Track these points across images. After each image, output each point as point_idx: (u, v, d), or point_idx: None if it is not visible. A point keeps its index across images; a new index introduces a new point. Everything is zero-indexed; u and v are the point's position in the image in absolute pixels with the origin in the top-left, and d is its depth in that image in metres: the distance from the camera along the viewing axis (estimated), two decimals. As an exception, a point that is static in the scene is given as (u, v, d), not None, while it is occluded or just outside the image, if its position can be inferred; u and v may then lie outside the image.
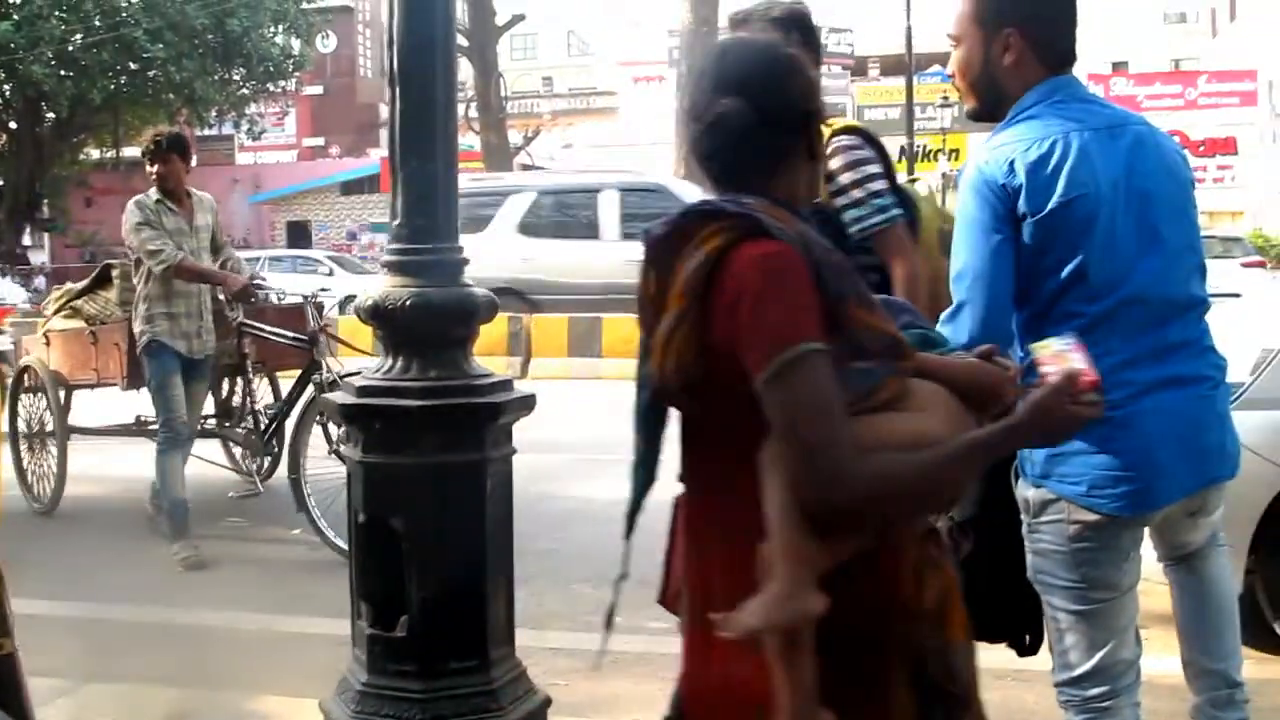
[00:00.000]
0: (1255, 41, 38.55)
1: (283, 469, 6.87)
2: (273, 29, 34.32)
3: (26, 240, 37.53)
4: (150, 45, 31.04)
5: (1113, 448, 2.59)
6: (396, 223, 3.13)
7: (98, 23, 31.27)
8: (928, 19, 33.08)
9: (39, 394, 7.83)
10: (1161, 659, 3.62)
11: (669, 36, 23.58)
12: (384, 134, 34.07)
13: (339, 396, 3.16)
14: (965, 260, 2.68)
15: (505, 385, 3.18)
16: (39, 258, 38.09)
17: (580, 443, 9.33)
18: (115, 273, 7.53)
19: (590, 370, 14.40)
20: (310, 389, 6.75)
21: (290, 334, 6.98)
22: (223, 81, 34.01)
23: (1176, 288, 2.69)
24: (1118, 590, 2.70)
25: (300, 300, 7.14)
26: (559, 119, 47.71)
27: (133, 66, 32.63)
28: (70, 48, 31.45)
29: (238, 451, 7.74)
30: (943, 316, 2.72)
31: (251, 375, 7.25)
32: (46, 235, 39.09)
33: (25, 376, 7.98)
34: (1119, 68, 48.06)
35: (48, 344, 7.84)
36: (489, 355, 7.61)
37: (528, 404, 3.20)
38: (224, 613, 5.63)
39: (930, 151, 33.76)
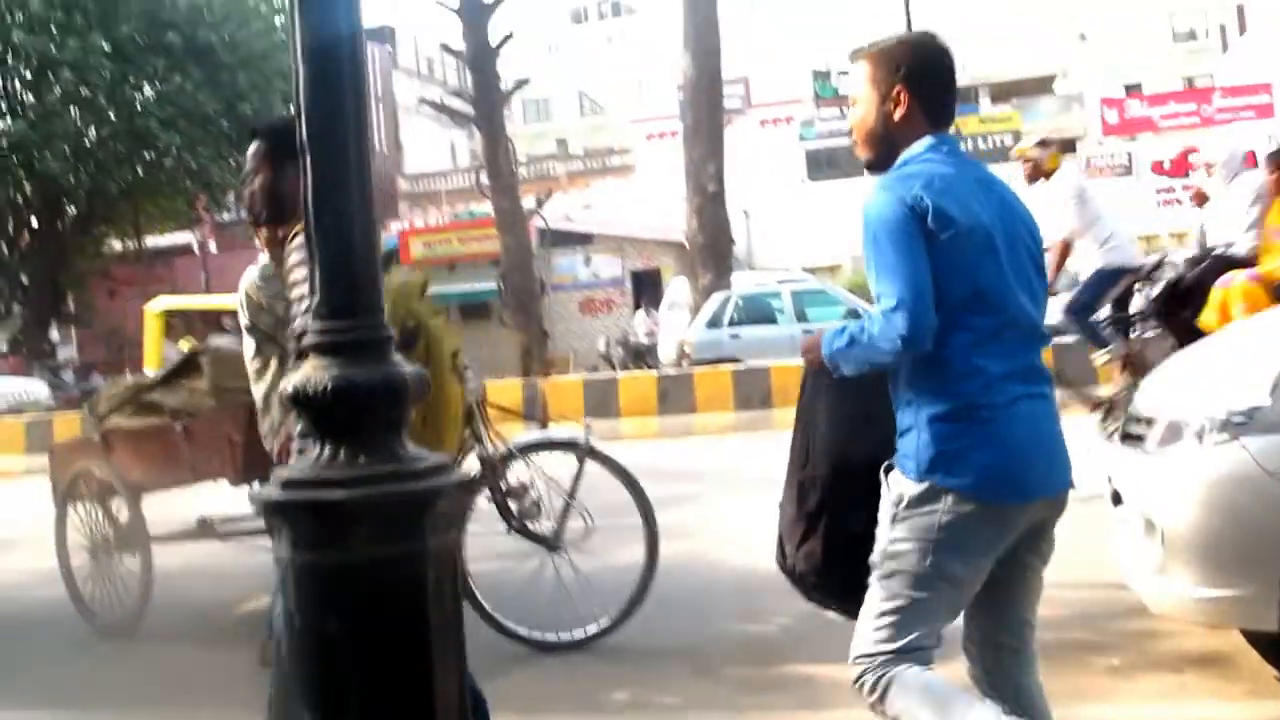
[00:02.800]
0: (1268, 54, 38.24)
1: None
2: (284, 110, 34.50)
3: (54, 335, 37.68)
4: (164, 134, 31.27)
5: (995, 445, 3.02)
6: (315, 299, 2.92)
7: (111, 115, 31.53)
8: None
9: (97, 502, 7.10)
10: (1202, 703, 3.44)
11: (678, 91, 23.42)
12: (403, 207, 34.30)
13: (266, 493, 2.93)
14: (894, 263, 3.02)
15: (443, 469, 2.95)
16: (65, 352, 38.21)
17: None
18: (205, 359, 6.85)
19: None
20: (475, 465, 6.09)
21: None
22: (238, 166, 34.14)
23: (1039, 318, 3.19)
24: (956, 585, 3.09)
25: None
26: (576, 179, 47.76)
27: (148, 157, 32.85)
28: (85, 142, 31.71)
29: None
30: (877, 312, 3.05)
31: None
32: (73, 329, 39.25)
33: (78, 484, 7.15)
34: (1132, 89, 47.83)
35: (108, 447, 7.10)
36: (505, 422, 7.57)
37: (470, 487, 2.97)
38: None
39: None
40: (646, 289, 33.80)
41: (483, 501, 6.01)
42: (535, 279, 25.85)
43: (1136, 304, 9.31)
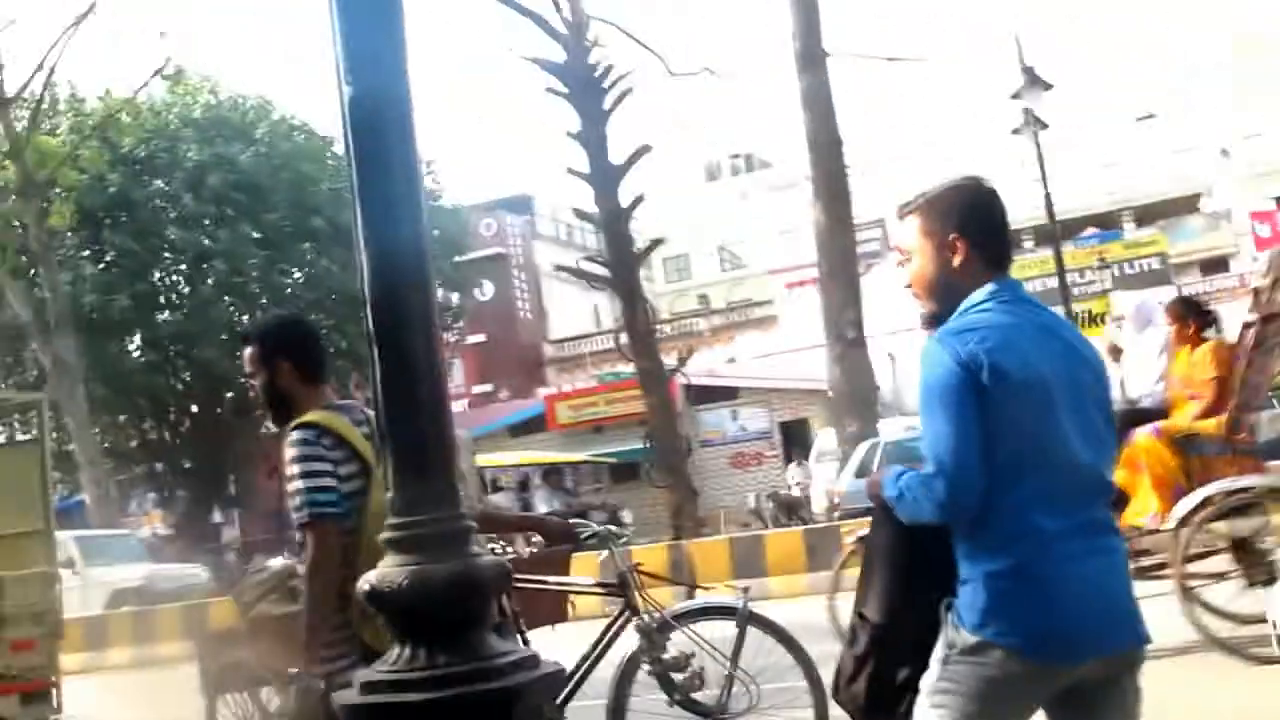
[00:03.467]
0: None
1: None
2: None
3: (216, 518, 38.61)
4: (314, 316, 32.23)
5: (1046, 607, 2.91)
6: (389, 495, 2.84)
7: (263, 301, 32.66)
8: (1066, 183, 32.70)
9: (247, 692, 7.01)
10: None
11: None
12: (549, 372, 34.75)
13: (345, 696, 2.82)
14: (941, 426, 2.95)
15: (527, 663, 2.81)
16: (229, 534, 39.09)
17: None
18: None
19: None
20: (635, 638, 6.05)
21: (590, 582, 6.45)
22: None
23: (1104, 471, 3.08)
24: None
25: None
26: (719, 334, 47.87)
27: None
28: (239, 328, 32.87)
29: None
30: (918, 477, 3.01)
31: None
32: (235, 512, 40.18)
33: (227, 674, 7.05)
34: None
35: (255, 634, 7.14)
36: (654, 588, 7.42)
37: (557, 681, 2.82)
38: None
39: (1095, 315, 32.72)
40: (796, 440, 33.51)
41: (643, 674, 5.91)
42: (681, 437, 25.76)
43: None
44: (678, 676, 5.87)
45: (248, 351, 4.46)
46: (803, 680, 5.93)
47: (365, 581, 2.80)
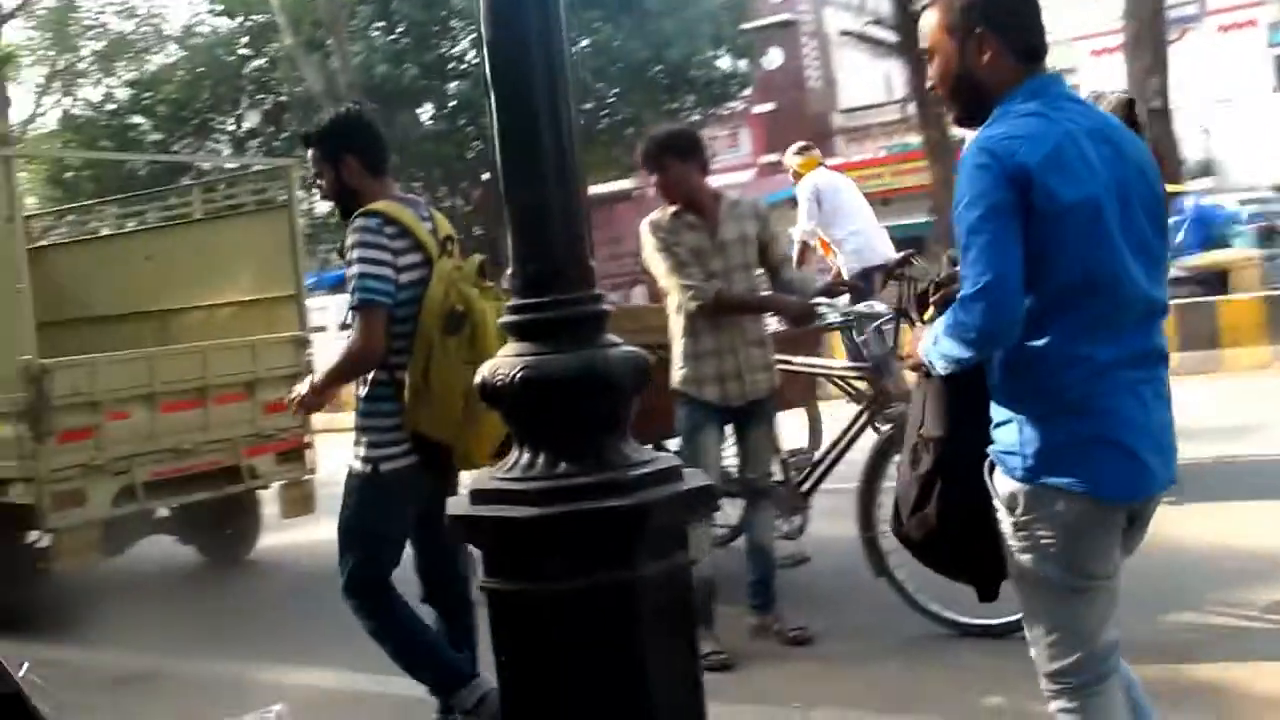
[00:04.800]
0: None
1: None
2: (714, 52, 34.56)
3: (504, 283, 39.45)
4: (599, 85, 31.99)
5: (1107, 441, 2.69)
6: (509, 273, 2.41)
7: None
8: None
9: None
10: None
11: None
12: (838, 142, 33.87)
13: (457, 506, 2.45)
14: (980, 242, 2.64)
15: (667, 475, 2.37)
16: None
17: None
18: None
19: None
20: (884, 425, 5.72)
21: (841, 364, 6.12)
22: (670, 112, 34.58)
23: (1158, 292, 2.79)
24: (1105, 577, 2.79)
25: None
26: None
27: (585, 107, 33.69)
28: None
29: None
30: (958, 299, 2.71)
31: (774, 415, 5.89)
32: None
33: None
34: None
35: None
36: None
37: (702, 499, 2.39)
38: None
39: None
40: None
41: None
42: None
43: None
44: None
45: (310, 153, 4.49)
46: None
47: (480, 372, 2.41)
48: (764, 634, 5.61)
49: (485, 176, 36.60)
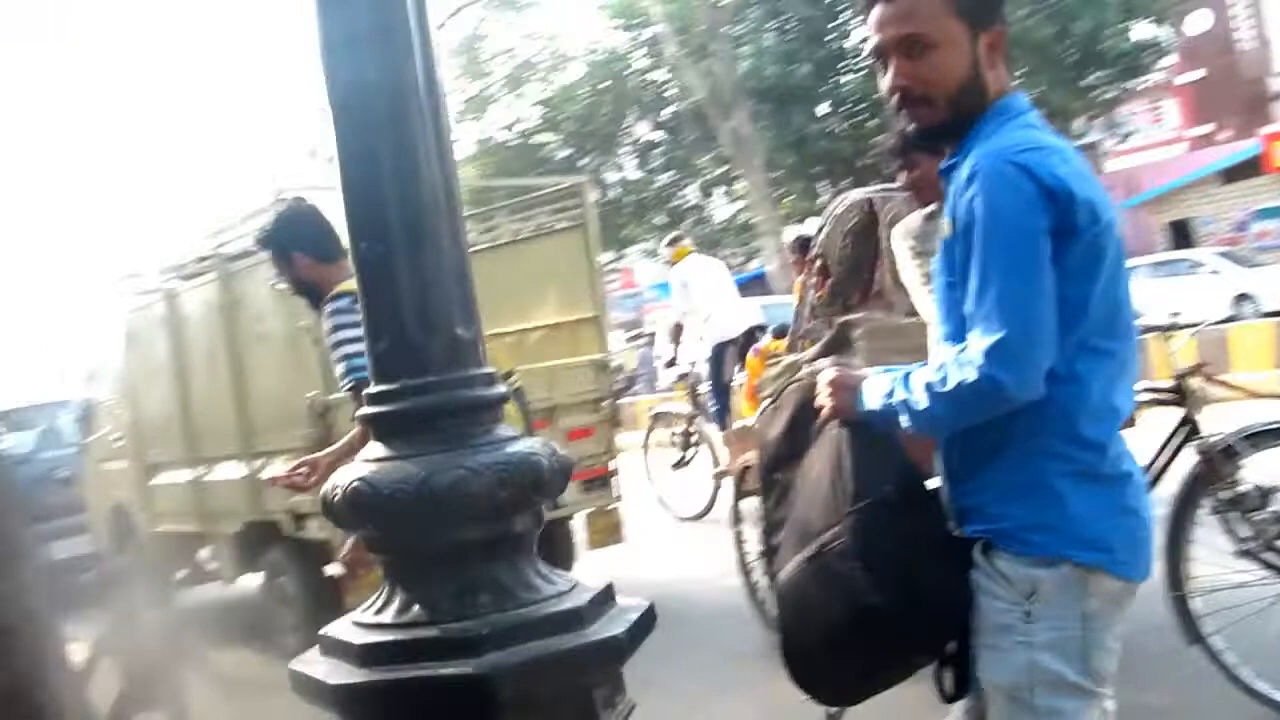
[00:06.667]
0: None
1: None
2: (1127, 23, 32.39)
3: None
4: (1016, 69, 30.63)
5: (1135, 508, 2.32)
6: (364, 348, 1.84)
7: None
8: None
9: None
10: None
11: None
12: (1276, 108, 31.27)
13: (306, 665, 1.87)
14: (1004, 278, 2.15)
15: (553, 622, 1.73)
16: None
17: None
18: (859, 332, 5.69)
19: None
20: (1194, 461, 4.71)
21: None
22: (1081, 90, 32.69)
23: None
24: (1105, 683, 2.35)
25: None
26: None
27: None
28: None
29: None
30: (974, 349, 2.17)
31: None
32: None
33: (745, 478, 6.39)
34: None
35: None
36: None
37: (605, 655, 1.72)
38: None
39: None
40: None
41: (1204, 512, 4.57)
42: None
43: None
44: (1252, 519, 4.44)
45: (266, 258, 4.67)
46: None
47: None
48: None
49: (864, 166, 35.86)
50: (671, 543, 9.59)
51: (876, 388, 2.38)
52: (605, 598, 1.79)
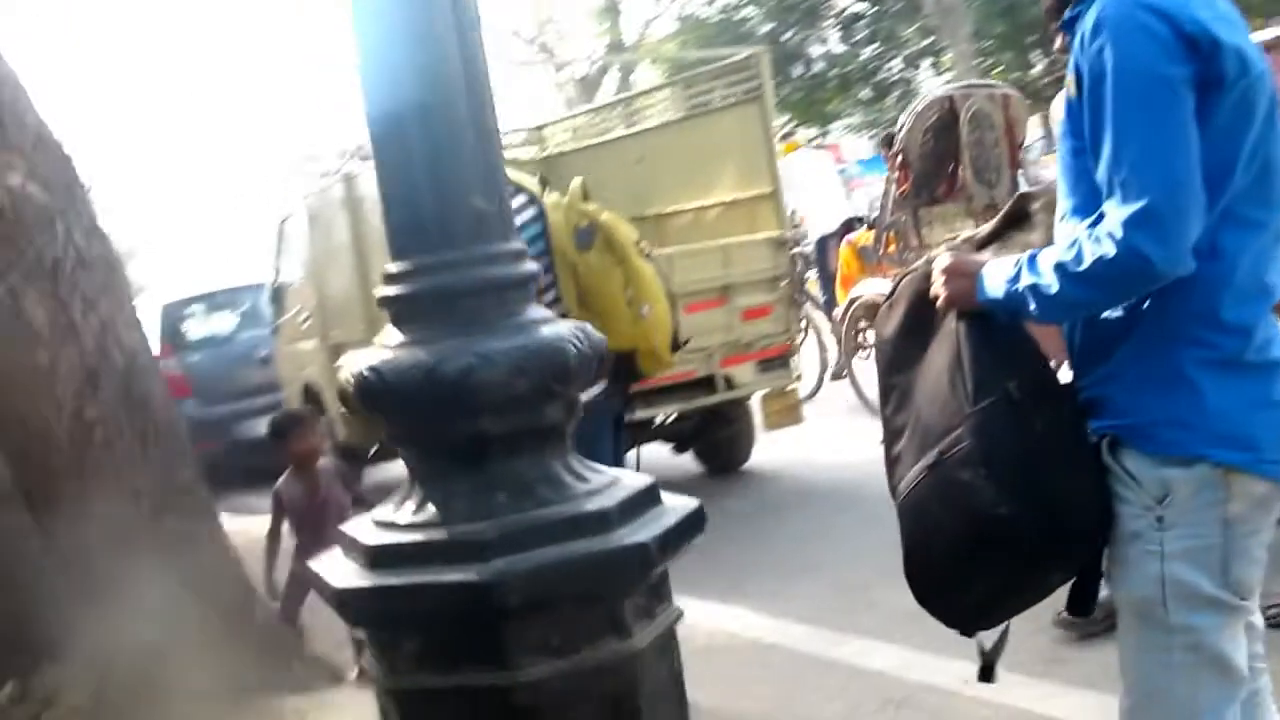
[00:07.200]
0: None
1: None
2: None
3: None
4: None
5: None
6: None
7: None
8: None
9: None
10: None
11: None
12: None
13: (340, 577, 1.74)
14: (1141, 136, 1.87)
15: (578, 524, 1.56)
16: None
17: None
18: (1038, 204, 5.55)
19: None
20: None
21: None
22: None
23: None
24: (1252, 595, 2.11)
25: None
26: None
27: None
28: None
29: None
30: (1113, 221, 1.89)
31: None
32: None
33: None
34: None
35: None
36: None
37: (632, 561, 1.55)
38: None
39: None
40: None
41: None
42: None
43: None
44: None
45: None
46: None
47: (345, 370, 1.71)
48: None
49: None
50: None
51: (998, 273, 2.13)
52: (645, 498, 1.62)
